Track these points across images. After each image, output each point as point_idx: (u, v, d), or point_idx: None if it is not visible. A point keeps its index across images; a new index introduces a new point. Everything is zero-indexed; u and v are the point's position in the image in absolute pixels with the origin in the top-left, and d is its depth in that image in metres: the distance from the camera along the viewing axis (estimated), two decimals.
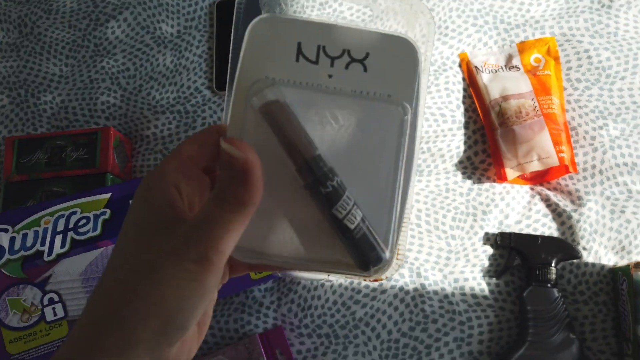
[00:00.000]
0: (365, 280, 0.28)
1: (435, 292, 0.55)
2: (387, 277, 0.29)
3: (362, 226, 0.27)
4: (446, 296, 0.55)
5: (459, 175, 0.59)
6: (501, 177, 0.57)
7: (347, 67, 0.28)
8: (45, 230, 0.46)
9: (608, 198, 0.56)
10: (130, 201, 0.49)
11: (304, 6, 0.64)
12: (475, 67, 0.62)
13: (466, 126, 0.61)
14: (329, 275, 0.31)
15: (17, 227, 0.46)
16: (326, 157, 0.27)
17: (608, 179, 0.57)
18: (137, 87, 0.66)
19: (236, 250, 0.26)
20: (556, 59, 0.61)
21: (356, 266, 0.28)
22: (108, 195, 0.49)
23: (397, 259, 0.29)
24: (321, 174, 0.27)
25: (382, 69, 0.29)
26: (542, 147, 0.55)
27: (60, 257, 0.45)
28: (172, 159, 0.27)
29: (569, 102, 0.60)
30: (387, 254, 0.28)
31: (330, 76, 0.28)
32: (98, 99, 0.65)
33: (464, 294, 0.55)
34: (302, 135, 0.27)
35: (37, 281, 0.45)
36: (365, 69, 0.29)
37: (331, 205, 0.27)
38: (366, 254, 0.28)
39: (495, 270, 0.56)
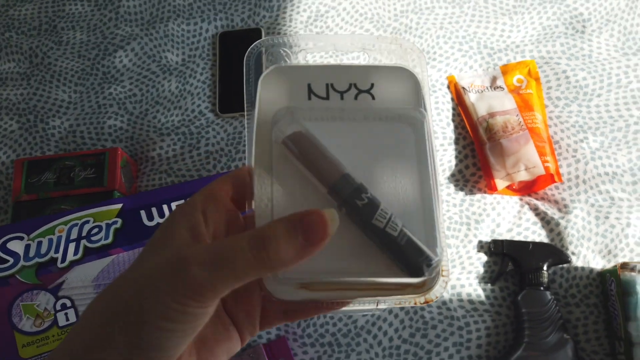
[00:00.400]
0: (416, 303, 0.28)
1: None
2: (437, 298, 0.28)
3: (405, 232, 0.27)
4: (444, 302, 0.57)
5: (452, 187, 0.62)
6: (491, 188, 0.60)
7: (356, 97, 0.31)
8: (60, 238, 0.48)
9: (592, 205, 0.59)
10: (141, 211, 0.51)
11: (306, 59, 0.69)
12: (463, 88, 0.66)
13: (457, 142, 0.64)
14: (377, 305, 0.30)
15: (32, 235, 0.47)
16: (354, 176, 0.28)
17: (591, 187, 0.60)
18: (143, 112, 0.69)
19: (278, 288, 0.26)
20: (537, 79, 0.66)
21: (408, 274, 0.27)
22: (120, 205, 0.51)
23: (442, 275, 0.28)
24: (354, 188, 0.27)
25: (389, 94, 0.31)
26: (529, 158, 0.59)
27: (74, 263, 0.47)
28: (202, 190, 0.27)
29: (550, 118, 0.64)
30: (437, 253, 0.28)
31: (342, 109, 0.31)
32: (105, 123, 0.68)
33: (461, 300, 0.57)
34: (329, 158, 0.28)
35: (51, 287, 0.46)
36: (373, 98, 0.31)
37: (370, 217, 0.27)
38: (415, 258, 0.27)
39: (490, 276, 0.58)
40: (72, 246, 0.48)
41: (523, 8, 0.71)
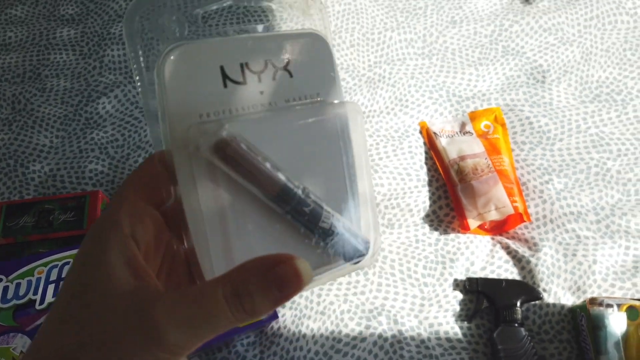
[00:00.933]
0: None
1: (412, 338, 0.58)
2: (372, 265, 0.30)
3: (342, 224, 0.28)
4: (422, 341, 0.58)
5: (427, 227, 0.65)
6: (464, 227, 0.63)
7: (274, 78, 0.28)
8: (39, 279, 0.47)
9: (560, 243, 0.62)
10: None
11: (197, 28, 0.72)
12: (434, 133, 0.69)
13: (430, 183, 0.67)
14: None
15: (10, 277, 0.47)
16: (290, 174, 0.27)
17: (558, 226, 0.63)
18: (125, 156, 0.71)
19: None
20: (503, 125, 0.70)
21: (353, 257, 0.29)
22: None
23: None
24: (300, 196, 0.27)
25: (305, 70, 0.29)
26: (498, 198, 0.62)
27: (52, 305, 0.46)
28: (123, 203, 0.24)
29: (517, 161, 0.68)
30: (369, 242, 0.29)
31: (261, 92, 0.28)
32: (86, 167, 0.69)
33: (439, 338, 0.58)
34: (266, 165, 0.26)
35: (28, 329, 0.46)
36: (290, 75, 0.29)
37: (317, 221, 0.27)
38: (355, 246, 0.29)
39: (466, 314, 0.60)
40: (51, 288, 0.47)
41: (487, 60, 0.76)
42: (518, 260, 0.62)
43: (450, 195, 0.66)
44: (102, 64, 0.78)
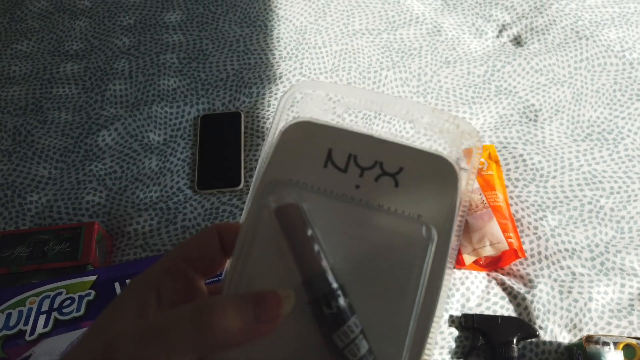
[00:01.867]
0: None
1: None
2: None
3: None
4: None
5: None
6: (459, 263, 0.63)
7: (377, 179, 0.27)
8: (30, 310, 0.47)
9: (555, 280, 0.62)
10: (115, 283, 0.51)
11: (342, 116, 0.74)
12: None
13: None
14: None
15: (1, 307, 0.47)
16: (339, 273, 0.25)
17: (553, 263, 0.63)
18: (122, 188, 0.71)
19: None
20: (497, 162, 0.71)
21: None
22: (94, 277, 0.51)
23: None
24: (326, 292, 0.24)
25: (415, 186, 0.26)
26: (493, 234, 0.62)
27: (43, 336, 0.46)
28: (163, 260, 0.25)
29: (511, 197, 0.69)
30: None
31: (357, 187, 0.26)
32: (83, 199, 0.70)
33: None
34: (313, 246, 0.25)
35: None
36: (396, 184, 0.26)
37: (332, 330, 0.24)
38: None
39: (462, 351, 0.59)
40: (42, 318, 0.47)
41: (480, 99, 0.78)
42: (514, 296, 0.61)
43: None
44: (104, 98, 0.80)
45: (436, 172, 0.27)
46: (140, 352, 0.20)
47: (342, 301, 0.24)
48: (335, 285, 0.24)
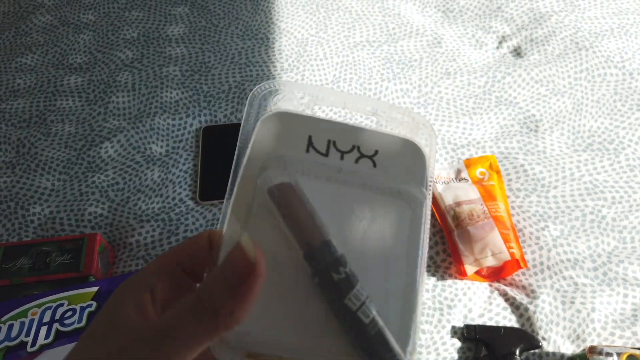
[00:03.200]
0: None
1: None
2: None
3: (378, 322, 0.24)
4: None
5: (424, 273, 0.64)
6: (462, 274, 0.63)
7: (356, 161, 0.29)
8: (32, 321, 0.47)
9: (558, 291, 0.62)
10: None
11: (313, 110, 0.74)
12: None
13: None
14: None
15: (3, 318, 0.47)
16: (337, 245, 0.26)
17: (555, 273, 0.63)
18: (124, 199, 0.71)
19: (226, 354, 0.24)
20: (498, 172, 0.71)
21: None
22: (96, 288, 0.51)
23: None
24: (333, 259, 0.25)
25: (391, 166, 0.29)
26: (495, 244, 0.62)
27: (44, 347, 0.46)
28: (154, 262, 0.26)
29: (513, 207, 0.69)
30: (407, 353, 0.25)
31: (339, 168, 0.28)
32: (86, 210, 0.70)
33: None
34: (313, 218, 0.26)
35: None
36: (374, 165, 0.29)
37: (343, 295, 0.24)
38: (382, 354, 0.24)
39: None
40: (43, 329, 0.47)
41: (481, 109, 0.78)
42: (516, 307, 0.61)
43: (447, 240, 0.66)
44: (107, 110, 0.80)
45: (407, 153, 0.29)
46: (163, 353, 0.21)
47: (349, 267, 0.25)
48: (340, 252, 0.25)
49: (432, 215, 0.69)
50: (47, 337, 0.47)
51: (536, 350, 0.58)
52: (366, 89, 0.81)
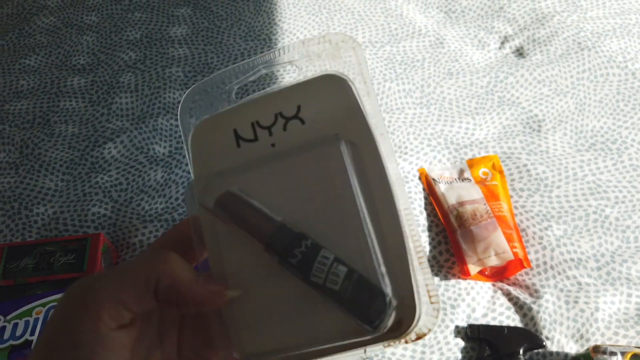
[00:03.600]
0: (407, 341, 0.24)
1: None
2: (429, 330, 0.24)
3: (349, 282, 0.24)
4: None
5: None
6: (465, 273, 0.63)
7: (284, 128, 0.28)
8: (37, 320, 0.47)
9: (562, 290, 0.62)
10: None
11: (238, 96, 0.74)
12: (433, 179, 0.71)
13: (429, 229, 0.68)
14: (365, 351, 0.26)
15: (8, 317, 0.47)
16: (294, 224, 0.26)
17: (559, 273, 0.63)
18: (127, 199, 0.71)
19: None
20: (501, 172, 0.71)
21: (365, 326, 0.24)
22: None
23: (431, 302, 0.25)
24: (288, 242, 0.25)
25: (319, 112, 0.28)
26: (498, 244, 0.62)
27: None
28: (149, 246, 0.28)
29: (516, 207, 0.68)
30: (390, 298, 0.24)
31: (273, 145, 0.28)
32: (89, 210, 0.70)
33: None
34: (259, 214, 0.26)
35: None
36: (303, 122, 0.28)
37: (307, 273, 0.25)
38: (365, 310, 0.24)
39: None
40: None
41: (484, 110, 0.78)
42: (520, 307, 0.61)
43: (450, 240, 0.66)
44: (110, 111, 0.81)
45: (327, 89, 0.28)
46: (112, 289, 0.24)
47: (304, 244, 0.25)
48: (293, 232, 0.25)
49: (435, 215, 0.69)
50: None
51: (540, 350, 0.58)
52: None
